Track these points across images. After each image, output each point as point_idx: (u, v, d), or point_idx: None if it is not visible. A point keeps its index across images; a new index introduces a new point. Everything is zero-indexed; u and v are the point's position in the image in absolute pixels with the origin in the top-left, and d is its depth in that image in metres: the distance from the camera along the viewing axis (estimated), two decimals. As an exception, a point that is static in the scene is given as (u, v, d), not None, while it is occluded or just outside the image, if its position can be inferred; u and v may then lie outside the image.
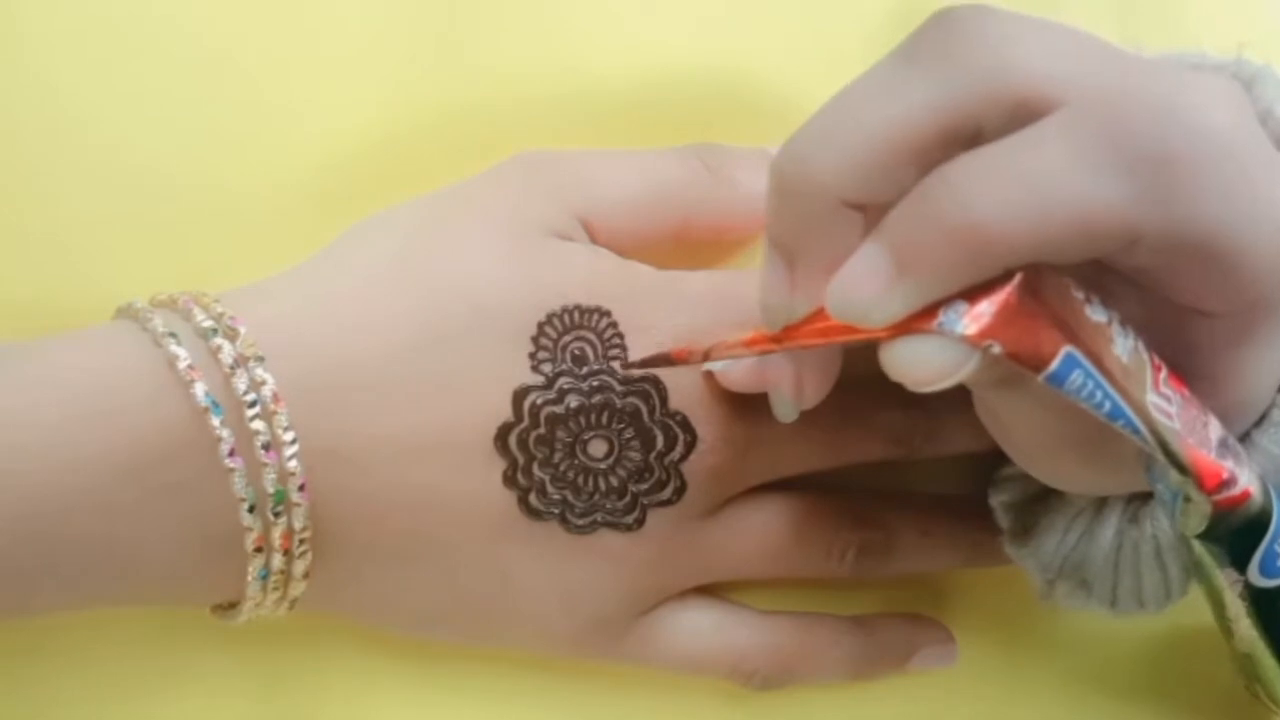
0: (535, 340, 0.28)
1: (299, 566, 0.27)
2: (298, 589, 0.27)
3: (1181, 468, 0.23)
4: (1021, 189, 0.21)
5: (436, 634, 0.30)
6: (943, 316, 0.21)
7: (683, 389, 0.28)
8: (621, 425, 0.28)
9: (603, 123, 0.32)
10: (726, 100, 0.32)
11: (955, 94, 0.21)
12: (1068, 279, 0.22)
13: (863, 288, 0.21)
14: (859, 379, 0.27)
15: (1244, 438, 0.26)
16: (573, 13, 0.32)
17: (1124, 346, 0.22)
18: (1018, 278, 0.21)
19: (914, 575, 0.33)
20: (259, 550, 0.26)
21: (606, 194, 0.30)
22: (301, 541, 0.26)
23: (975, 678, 0.33)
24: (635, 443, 0.28)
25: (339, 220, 0.29)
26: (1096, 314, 0.22)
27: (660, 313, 0.28)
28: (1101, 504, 0.28)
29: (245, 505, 0.26)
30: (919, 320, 0.21)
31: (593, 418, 0.28)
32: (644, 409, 0.28)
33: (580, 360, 0.28)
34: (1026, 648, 0.34)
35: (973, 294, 0.21)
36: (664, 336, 0.28)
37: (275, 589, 0.27)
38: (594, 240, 0.30)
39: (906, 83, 0.22)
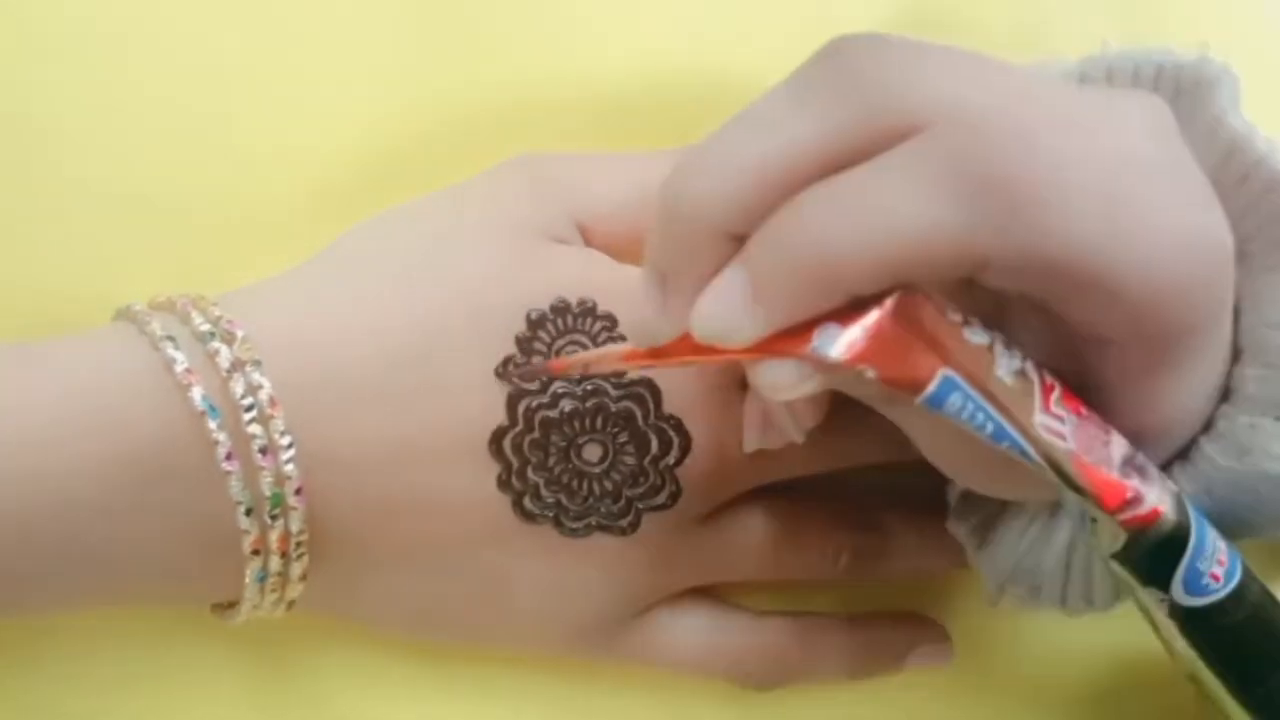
0: (529, 343, 0.28)
1: (296, 569, 0.27)
2: (295, 591, 0.27)
3: (1077, 488, 0.22)
4: (862, 218, 0.21)
5: (433, 635, 0.30)
6: (816, 340, 0.21)
7: (677, 392, 0.28)
8: (616, 429, 0.28)
9: (601, 125, 0.32)
10: (726, 102, 0.32)
11: (834, 128, 0.21)
12: (944, 301, 0.22)
13: (722, 311, 0.22)
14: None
15: (1191, 446, 0.25)
16: (571, 15, 0.32)
17: (1008, 368, 0.22)
18: (890, 302, 0.21)
19: (909, 576, 0.33)
20: (256, 553, 0.26)
21: (603, 197, 0.30)
22: (299, 544, 0.27)
23: (971, 677, 0.33)
24: (629, 447, 0.28)
25: (337, 222, 0.29)
26: (977, 337, 0.22)
27: None
28: (1056, 508, 0.28)
29: (242, 509, 0.26)
30: (792, 341, 0.21)
31: (587, 422, 0.28)
32: (638, 413, 0.28)
33: (575, 364, 0.28)
34: (1022, 647, 0.34)
35: (846, 315, 0.21)
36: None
37: (273, 591, 0.27)
38: (589, 244, 0.30)
39: (790, 116, 0.22)
